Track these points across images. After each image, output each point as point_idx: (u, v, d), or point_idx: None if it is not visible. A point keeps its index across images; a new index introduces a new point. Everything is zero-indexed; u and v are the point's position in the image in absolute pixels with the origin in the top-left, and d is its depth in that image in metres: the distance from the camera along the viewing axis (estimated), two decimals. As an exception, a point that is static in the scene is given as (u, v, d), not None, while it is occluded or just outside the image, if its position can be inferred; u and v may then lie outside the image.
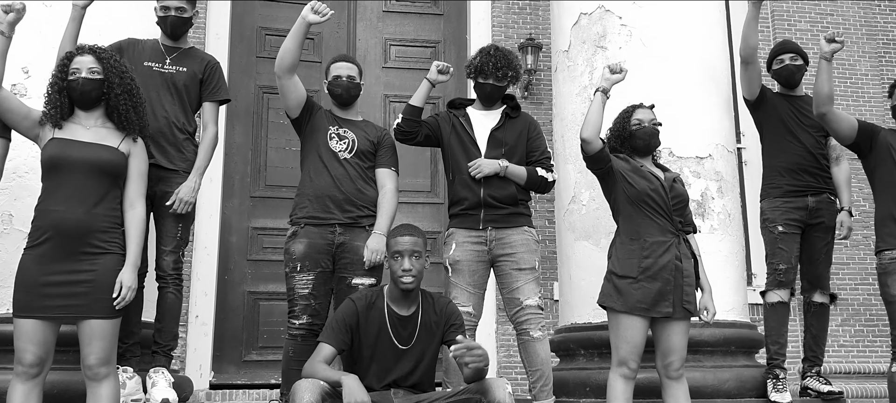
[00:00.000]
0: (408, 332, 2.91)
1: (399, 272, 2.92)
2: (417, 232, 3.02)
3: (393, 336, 2.88)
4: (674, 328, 3.10)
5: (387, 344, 2.86)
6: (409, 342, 2.89)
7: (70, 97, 2.93)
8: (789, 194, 3.78)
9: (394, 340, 2.87)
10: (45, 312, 2.73)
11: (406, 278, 2.91)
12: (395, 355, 2.85)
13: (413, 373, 2.86)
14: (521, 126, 3.70)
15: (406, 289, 2.92)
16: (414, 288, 2.94)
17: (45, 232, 2.78)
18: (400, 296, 2.97)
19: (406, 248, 2.93)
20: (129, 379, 3.15)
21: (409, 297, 2.97)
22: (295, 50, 3.48)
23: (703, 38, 4.06)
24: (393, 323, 2.92)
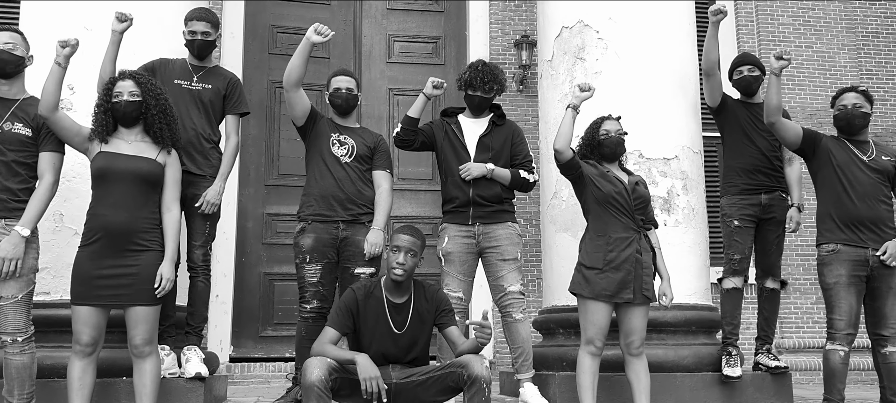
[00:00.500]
0: (402, 317, 3.38)
1: (394, 264, 3.37)
2: (417, 235, 3.43)
3: (390, 321, 3.36)
4: (634, 312, 3.59)
5: (384, 328, 3.34)
6: (403, 326, 3.36)
7: (114, 116, 3.41)
8: (745, 192, 4.24)
9: (390, 325, 3.35)
10: (97, 300, 3.24)
11: (398, 270, 3.35)
12: (391, 338, 3.33)
13: (407, 353, 3.35)
14: (507, 133, 4.17)
15: (396, 280, 3.37)
16: (403, 281, 3.37)
17: (96, 233, 3.28)
18: (393, 288, 3.44)
19: (404, 245, 3.38)
20: (166, 356, 3.67)
21: (401, 287, 3.42)
22: (301, 67, 3.92)
23: (672, 49, 4.49)
24: (389, 310, 3.39)
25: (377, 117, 7.31)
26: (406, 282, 3.40)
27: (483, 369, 3.10)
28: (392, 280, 3.37)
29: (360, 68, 7.35)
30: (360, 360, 3.14)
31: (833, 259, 3.77)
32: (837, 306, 3.73)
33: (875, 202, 3.78)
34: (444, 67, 7.52)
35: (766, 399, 4.08)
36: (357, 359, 3.15)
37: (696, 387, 4.00)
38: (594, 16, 4.48)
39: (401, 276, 3.32)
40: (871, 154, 3.87)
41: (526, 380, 3.98)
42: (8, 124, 3.34)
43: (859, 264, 3.73)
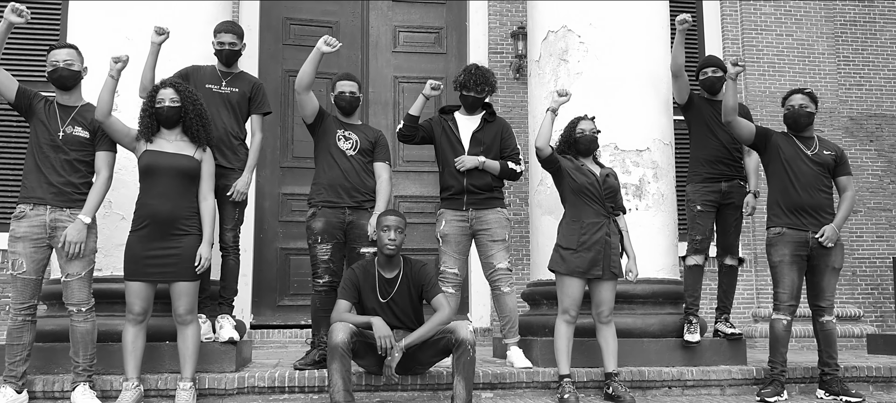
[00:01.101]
0: (388, 289, 3.98)
1: (385, 240, 3.97)
2: (401, 215, 4.07)
3: (379, 293, 3.96)
4: (604, 286, 4.18)
5: (376, 299, 3.95)
6: (388, 297, 3.97)
7: (157, 119, 3.99)
8: (707, 180, 4.80)
9: (379, 296, 3.96)
10: (146, 277, 3.85)
11: (390, 245, 3.96)
12: (381, 306, 3.94)
13: (398, 320, 3.95)
14: (497, 128, 4.74)
15: (389, 254, 3.97)
16: (395, 254, 3.98)
17: (145, 220, 3.88)
18: (385, 262, 4.02)
19: (392, 224, 3.98)
20: (203, 324, 4.28)
21: (392, 262, 4.02)
22: (311, 73, 4.45)
23: (646, 51, 5.01)
24: (380, 283, 4.00)
25: (383, 103, 7.87)
26: (396, 258, 4.01)
27: (468, 333, 3.70)
28: (385, 255, 3.97)
29: (368, 57, 7.89)
30: (376, 323, 3.76)
31: (778, 240, 4.33)
32: (781, 281, 4.31)
33: (816, 191, 4.34)
34: (446, 56, 8.05)
35: (723, 361, 4.66)
36: (373, 322, 3.77)
37: (660, 351, 4.60)
38: (577, 22, 5.01)
39: (393, 251, 3.94)
40: (814, 149, 4.41)
41: (512, 344, 4.60)
42: (69, 128, 3.92)
43: (801, 245, 4.30)
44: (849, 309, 8.05)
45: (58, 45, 4.04)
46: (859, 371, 4.68)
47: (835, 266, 4.33)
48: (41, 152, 3.91)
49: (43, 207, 3.85)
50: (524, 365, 4.45)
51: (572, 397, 4.03)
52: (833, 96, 8.36)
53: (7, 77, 3.96)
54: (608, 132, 4.78)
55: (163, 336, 4.20)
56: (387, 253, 3.97)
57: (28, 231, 3.82)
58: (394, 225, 3.98)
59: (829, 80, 8.35)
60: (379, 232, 4.02)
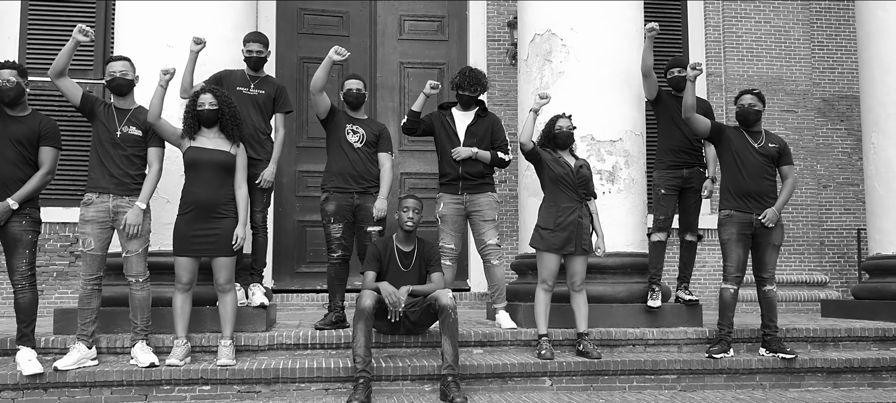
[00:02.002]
0: (408, 261, 4.76)
1: (404, 219, 4.73)
2: (419, 200, 4.82)
3: (399, 263, 4.74)
4: (576, 260, 4.93)
5: (396, 268, 4.72)
6: (408, 267, 4.75)
7: (198, 120, 4.73)
8: (671, 167, 5.52)
9: (399, 266, 4.73)
10: (192, 253, 4.62)
11: (409, 223, 4.72)
12: (400, 275, 4.70)
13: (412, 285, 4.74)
14: (488, 123, 5.46)
15: (408, 230, 4.73)
16: (412, 230, 4.74)
17: (190, 206, 4.63)
18: (403, 237, 4.79)
19: (411, 206, 4.75)
20: (238, 291, 5.07)
21: (409, 238, 4.78)
22: (324, 78, 5.12)
23: (621, 53, 5.68)
24: (399, 256, 4.77)
25: (390, 87, 8.57)
26: (412, 235, 4.77)
27: (448, 300, 4.47)
28: (404, 231, 4.74)
29: (375, 45, 8.57)
30: (383, 285, 4.55)
31: (727, 221, 5.06)
32: (729, 255, 5.04)
33: (761, 179, 5.05)
34: (448, 43, 8.73)
35: (681, 324, 5.42)
36: (381, 285, 4.55)
37: (627, 314, 5.36)
38: (560, 26, 5.68)
39: (411, 228, 4.71)
40: (761, 142, 5.11)
41: (500, 309, 5.39)
42: (125, 128, 4.67)
43: (747, 225, 5.02)
44: (816, 275, 8.80)
45: (114, 58, 4.77)
46: (799, 332, 5.43)
47: (775, 243, 5.06)
48: (103, 148, 4.66)
49: (106, 195, 4.61)
50: (510, 326, 5.24)
51: (548, 353, 4.82)
52: (807, 79, 9.00)
53: (73, 85, 4.70)
54: (585, 124, 5.51)
55: (205, 301, 4.98)
56: (406, 229, 4.74)
57: (95, 215, 4.59)
58: (412, 207, 4.75)
59: (803, 64, 8.99)
60: (400, 212, 4.78)
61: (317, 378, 4.62)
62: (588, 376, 4.84)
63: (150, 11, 5.32)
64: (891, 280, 6.24)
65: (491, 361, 4.83)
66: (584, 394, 4.73)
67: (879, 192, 6.39)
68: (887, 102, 6.28)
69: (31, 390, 4.43)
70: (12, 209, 4.39)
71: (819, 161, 8.96)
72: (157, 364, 4.53)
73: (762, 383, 5.01)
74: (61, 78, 4.64)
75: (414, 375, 4.69)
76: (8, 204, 4.37)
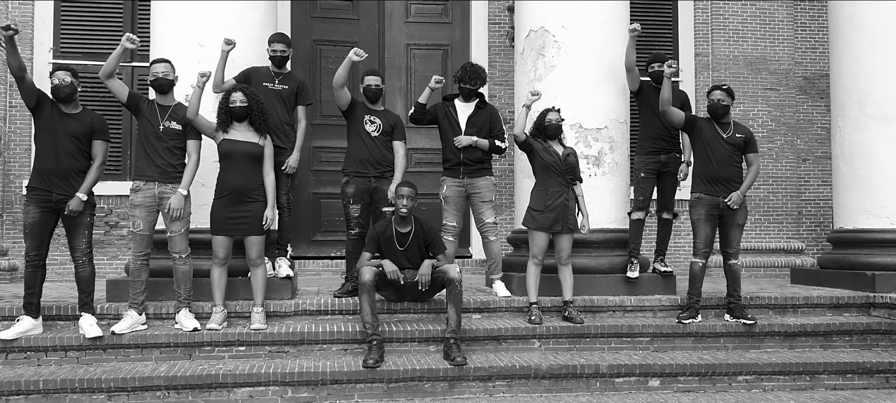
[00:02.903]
0: (405, 240, 5.44)
1: (400, 205, 5.40)
2: (413, 187, 5.47)
3: (396, 243, 5.42)
4: (563, 238, 5.62)
5: (395, 248, 5.41)
6: (405, 245, 5.43)
7: (230, 115, 5.38)
8: (650, 153, 6.17)
9: (396, 245, 5.42)
10: (227, 232, 5.32)
11: (403, 209, 5.38)
12: (397, 253, 5.39)
13: (410, 261, 5.41)
14: (487, 114, 6.09)
15: (403, 215, 5.39)
16: (407, 215, 5.40)
17: (225, 191, 5.32)
18: (400, 221, 5.46)
19: (405, 194, 5.41)
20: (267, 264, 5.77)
21: (405, 221, 5.46)
22: (344, 76, 5.74)
23: (607, 48, 6.26)
24: (397, 236, 5.45)
25: (397, 67, 9.17)
26: (409, 218, 5.44)
27: (456, 273, 5.17)
28: (400, 216, 5.41)
29: (384, 27, 9.15)
30: (386, 263, 5.24)
31: (697, 203, 5.72)
32: (698, 233, 5.71)
33: (728, 166, 5.69)
34: (451, 25, 9.30)
35: (657, 292, 6.12)
36: (384, 263, 5.24)
37: (608, 284, 6.06)
38: (552, 24, 6.27)
39: (405, 213, 5.38)
40: (729, 132, 5.73)
41: (496, 279, 6.09)
42: (167, 123, 5.32)
43: (714, 206, 5.68)
44: (794, 243, 9.48)
45: (157, 61, 5.41)
46: (762, 299, 6.13)
47: (739, 222, 5.72)
48: (148, 141, 5.32)
49: (152, 183, 5.29)
50: (505, 294, 5.95)
51: (538, 318, 5.53)
52: (790, 58, 9.56)
53: (121, 85, 5.36)
54: (574, 114, 6.14)
55: (238, 273, 5.69)
56: (401, 214, 5.41)
57: (143, 200, 5.28)
58: (407, 195, 5.41)
59: (786, 45, 9.54)
60: (396, 200, 5.44)
61: (337, 340, 5.35)
62: (572, 338, 5.56)
63: (184, 14, 5.92)
64: (850, 251, 6.90)
65: (487, 325, 5.55)
66: (567, 354, 5.46)
67: (843, 172, 7.02)
68: (852, 91, 6.86)
69: (92, 350, 5.17)
70: (83, 201, 5.08)
71: (799, 135, 9.56)
72: (199, 329, 5.26)
73: (726, 345, 5.72)
74: (111, 79, 5.29)
75: (421, 338, 5.42)
76: (79, 197, 5.05)
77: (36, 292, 5.16)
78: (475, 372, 5.07)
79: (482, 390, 5.09)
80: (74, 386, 4.78)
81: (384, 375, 4.99)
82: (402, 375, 5.00)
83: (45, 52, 8.50)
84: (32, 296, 5.15)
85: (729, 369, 5.34)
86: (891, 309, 6.03)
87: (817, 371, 5.45)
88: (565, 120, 5.80)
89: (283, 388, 4.92)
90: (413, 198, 5.44)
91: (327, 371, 4.95)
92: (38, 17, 8.52)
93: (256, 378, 4.89)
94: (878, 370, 5.51)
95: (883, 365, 5.52)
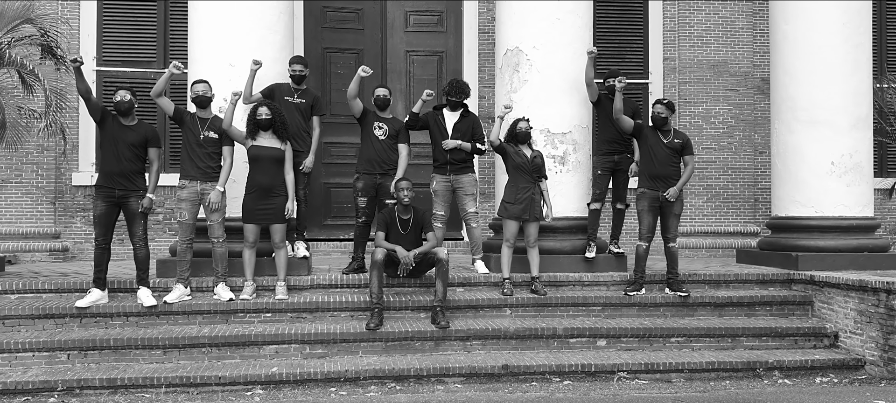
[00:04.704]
0: (406, 226, 6.66)
1: (402, 196, 6.63)
2: (410, 181, 6.70)
3: (399, 227, 6.65)
4: (530, 225, 6.84)
5: (398, 231, 6.63)
6: (407, 230, 6.66)
7: (257, 126, 6.60)
8: (606, 154, 7.38)
9: (399, 229, 6.64)
10: (256, 221, 6.56)
11: (405, 199, 6.62)
12: (400, 236, 6.61)
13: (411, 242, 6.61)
14: (470, 122, 7.30)
15: (405, 204, 6.62)
16: (409, 204, 6.62)
17: (254, 188, 6.55)
18: (402, 209, 6.68)
19: (404, 186, 6.64)
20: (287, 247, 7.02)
21: (407, 209, 6.68)
22: (356, 89, 6.97)
23: (572, 64, 7.40)
24: (400, 222, 6.68)
25: (398, 72, 10.36)
26: (409, 207, 6.66)
27: (444, 254, 6.42)
28: (403, 205, 6.63)
29: (386, 36, 10.32)
30: (399, 249, 6.48)
31: (642, 196, 6.91)
32: (642, 221, 6.90)
33: (668, 166, 6.86)
34: (446, 34, 10.47)
35: (610, 270, 7.32)
36: (397, 249, 6.48)
37: (570, 263, 7.28)
38: (525, 44, 7.43)
39: (407, 203, 6.59)
40: (669, 138, 6.90)
41: (477, 259, 7.35)
42: (206, 133, 6.55)
43: (655, 200, 6.87)
44: (750, 227, 10.66)
45: (197, 81, 6.65)
46: (699, 276, 7.34)
47: (676, 212, 6.92)
48: (191, 148, 6.56)
49: (195, 182, 6.54)
50: (484, 271, 7.20)
51: (509, 291, 6.77)
52: (748, 62, 10.69)
53: (169, 102, 6.59)
54: (544, 120, 7.33)
55: (264, 254, 6.94)
56: (404, 203, 6.65)
57: (188, 196, 6.53)
58: (406, 187, 6.65)
59: (745, 50, 10.66)
60: (398, 193, 6.66)
61: (345, 308, 6.61)
62: (537, 307, 6.80)
63: (216, 39, 7.12)
64: (782, 236, 8.08)
65: (468, 297, 6.80)
66: (533, 320, 6.70)
67: (778, 167, 8.18)
68: (785, 97, 8.00)
69: (148, 317, 6.43)
70: (153, 200, 6.34)
71: (756, 131, 10.71)
72: (234, 299, 6.52)
73: (664, 313, 6.95)
74: (160, 97, 6.53)
75: (413, 306, 6.67)
76: (151, 197, 6.31)
77: (103, 269, 6.42)
78: (456, 334, 6.32)
79: (462, 348, 6.34)
80: (137, 344, 6.06)
81: (383, 336, 6.25)
82: (398, 336, 6.26)
83: (89, 61, 9.72)
84: (101, 273, 6.41)
85: (664, 332, 6.58)
86: (807, 284, 7.23)
87: (738, 335, 6.67)
88: (534, 126, 7.01)
89: (303, 346, 6.19)
90: (411, 189, 6.66)
91: (338, 333, 6.22)
92: (83, 30, 9.73)
93: (281, 337, 6.16)
94: (789, 333, 6.74)
95: (792, 330, 6.75)
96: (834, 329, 6.77)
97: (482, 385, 5.88)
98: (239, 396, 5.61)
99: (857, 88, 7.78)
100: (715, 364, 6.20)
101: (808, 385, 6.07)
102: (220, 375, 5.70)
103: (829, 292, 6.92)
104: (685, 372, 6.17)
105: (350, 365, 5.90)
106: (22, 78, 7.47)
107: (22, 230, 9.48)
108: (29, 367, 5.92)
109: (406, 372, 5.85)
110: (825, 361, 6.39)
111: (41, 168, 9.60)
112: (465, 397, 5.52)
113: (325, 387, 5.73)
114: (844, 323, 6.70)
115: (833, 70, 7.71)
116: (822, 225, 7.74)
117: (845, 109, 7.73)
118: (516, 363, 6.02)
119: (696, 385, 6.02)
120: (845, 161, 7.73)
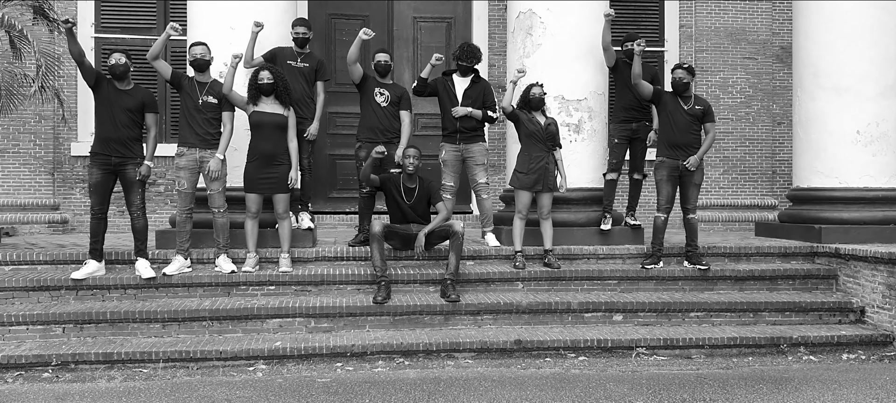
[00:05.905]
0: (411, 195, 6.39)
1: (407, 164, 6.35)
2: (418, 149, 6.41)
3: (404, 197, 6.38)
4: (543, 196, 6.55)
5: (401, 200, 6.37)
6: (411, 199, 6.39)
7: (259, 90, 6.31)
8: (623, 121, 7.06)
9: (404, 198, 6.37)
10: (259, 190, 6.29)
11: (410, 167, 6.34)
12: (404, 205, 6.34)
13: (416, 213, 6.37)
14: (481, 88, 6.99)
15: (410, 173, 6.34)
16: (413, 173, 6.34)
17: (256, 155, 6.28)
18: (407, 178, 6.41)
19: (411, 154, 6.36)
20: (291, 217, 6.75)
21: (412, 178, 6.40)
22: (357, 53, 6.64)
23: (588, 27, 7.10)
24: (405, 191, 6.41)
25: (405, 38, 10.03)
26: (415, 175, 6.39)
27: (459, 227, 6.15)
28: (407, 173, 6.35)
29: (392, 1, 9.97)
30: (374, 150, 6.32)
31: (661, 165, 6.62)
32: (661, 191, 6.62)
33: (688, 134, 6.56)
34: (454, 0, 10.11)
35: (626, 242, 7.05)
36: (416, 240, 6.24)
37: (585, 236, 7.01)
38: (538, 7, 7.12)
39: (412, 171, 6.33)
40: (690, 105, 6.60)
41: (488, 231, 7.07)
42: (205, 97, 6.26)
43: (675, 169, 6.58)
44: (768, 200, 10.36)
45: (195, 43, 6.34)
46: (718, 249, 7.06)
47: (696, 182, 6.62)
48: (189, 113, 6.27)
49: (194, 149, 6.26)
50: (495, 244, 6.93)
51: (522, 264, 6.50)
52: (767, 30, 10.32)
53: (166, 65, 6.30)
54: (557, 87, 7.03)
55: (267, 225, 6.68)
56: (408, 172, 6.37)
57: (186, 163, 6.25)
58: (413, 155, 6.36)
59: (764, 17, 10.30)
60: (404, 160, 6.38)
61: (351, 281, 6.36)
62: (550, 281, 6.53)
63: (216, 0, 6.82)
64: (804, 208, 7.78)
65: (479, 270, 6.54)
66: (546, 294, 6.43)
67: (800, 136, 7.87)
68: (808, 64, 7.66)
69: (147, 289, 6.19)
70: (151, 167, 6.08)
71: (775, 101, 10.37)
72: (235, 271, 6.27)
73: (683, 287, 6.68)
74: (157, 60, 6.23)
75: (422, 280, 6.41)
76: (148, 165, 6.05)
77: (100, 240, 6.17)
78: (466, 308, 6.07)
79: (472, 322, 6.09)
80: (135, 317, 5.82)
81: (391, 310, 6.00)
82: (406, 310, 6.01)
83: (87, 27, 9.42)
84: (97, 244, 6.16)
85: (683, 307, 6.31)
86: (830, 257, 6.95)
87: (760, 310, 6.40)
88: (548, 92, 6.70)
89: (307, 320, 5.94)
90: (418, 157, 6.38)
91: (344, 306, 5.96)
92: (80, -5, 9.43)
93: (285, 311, 5.92)
94: (813, 308, 6.46)
95: (816, 304, 6.47)
96: (860, 303, 6.49)
97: (494, 360, 5.63)
98: (241, 371, 5.37)
99: (884, 53, 7.42)
100: (737, 340, 5.94)
101: (834, 362, 5.80)
102: (222, 349, 5.46)
103: (855, 265, 6.64)
104: (705, 348, 5.90)
105: (357, 340, 5.65)
106: (11, 41, 7.18)
107: (20, 201, 9.24)
108: (23, 341, 5.69)
109: (415, 347, 5.60)
110: (852, 337, 6.11)
111: (39, 137, 9.34)
112: (476, 372, 5.28)
113: (331, 362, 5.49)
114: (871, 298, 6.42)
115: (859, 34, 7.36)
116: (847, 197, 7.44)
117: (871, 76, 7.39)
118: (529, 338, 5.77)
119: (718, 362, 5.76)
120: (871, 129, 7.40)
